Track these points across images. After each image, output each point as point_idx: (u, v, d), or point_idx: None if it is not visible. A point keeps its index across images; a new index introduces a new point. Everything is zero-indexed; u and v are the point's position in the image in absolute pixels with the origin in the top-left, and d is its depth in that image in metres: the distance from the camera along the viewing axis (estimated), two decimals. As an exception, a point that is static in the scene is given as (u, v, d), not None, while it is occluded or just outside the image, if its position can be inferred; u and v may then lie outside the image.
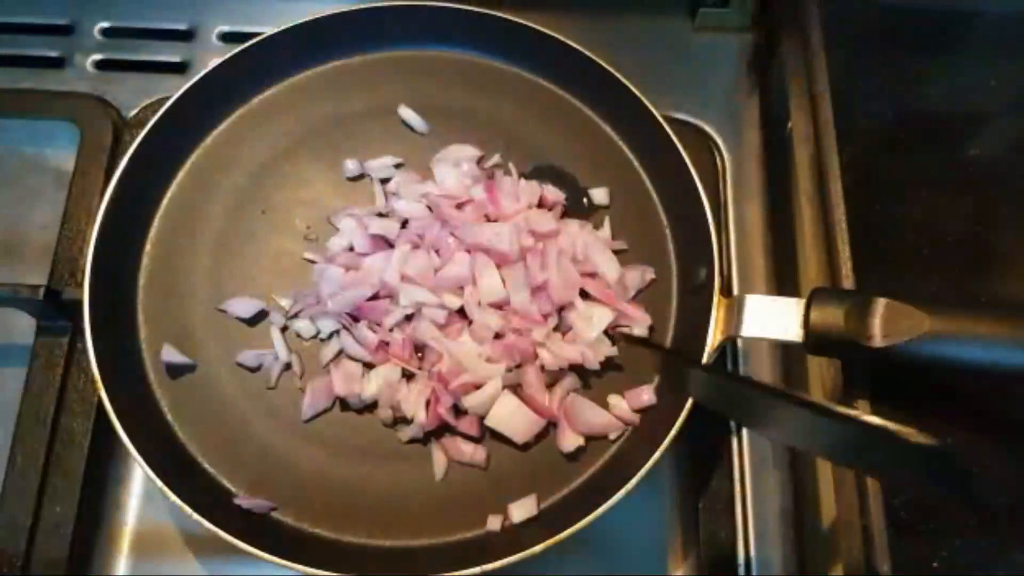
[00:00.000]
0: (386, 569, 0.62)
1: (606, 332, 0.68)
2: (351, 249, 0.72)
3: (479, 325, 0.67)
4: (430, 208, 0.72)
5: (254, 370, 0.68)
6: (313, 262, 0.72)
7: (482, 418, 0.66)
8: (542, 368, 0.67)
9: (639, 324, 0.70)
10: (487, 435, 0.66)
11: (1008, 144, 0.71)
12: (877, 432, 0.41)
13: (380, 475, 0.65)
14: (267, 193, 0.75)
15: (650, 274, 0.72)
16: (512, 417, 0.65)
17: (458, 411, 0.66)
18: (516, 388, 0.66)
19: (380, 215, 0.73)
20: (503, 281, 0.68)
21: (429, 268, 0.69)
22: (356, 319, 0.69)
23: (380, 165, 0.76)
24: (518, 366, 0.67)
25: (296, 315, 0.70)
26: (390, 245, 0.72)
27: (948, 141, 0.70)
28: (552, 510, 0.64)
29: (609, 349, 0.68)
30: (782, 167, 0.79)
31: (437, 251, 0.70)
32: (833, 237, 0.64)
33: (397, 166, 0.76)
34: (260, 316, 0.70)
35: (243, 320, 0.70)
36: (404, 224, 0.72)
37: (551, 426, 0.67)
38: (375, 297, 0.69)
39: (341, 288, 0.68)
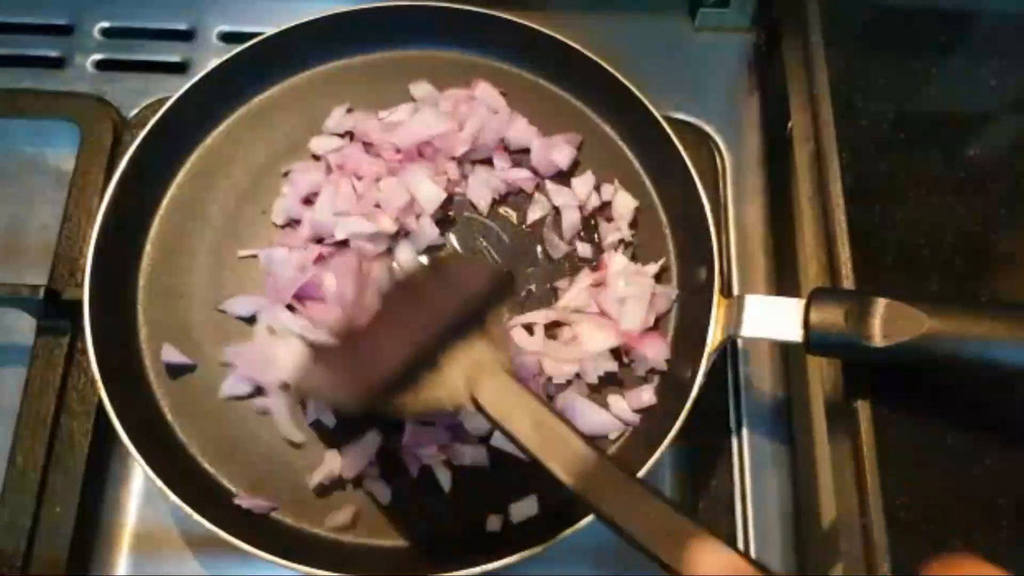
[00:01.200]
0: (386, 569, 0.62)
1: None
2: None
3: None
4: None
5: (254, 370, 0.68)
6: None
7: (484, 438, 0.65)
8: (549, 380, 0.67)
9: (653, 356, 0.68)
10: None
11: (1008, 144, 0.71)
12: None
13: (380, 474, 0.65)
14: (267, 193, 0.75)
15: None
16: None
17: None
18: None
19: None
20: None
21: (353, 196, 0.68)
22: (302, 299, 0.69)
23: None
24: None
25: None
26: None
27: (948, 141, 0.70)
28: (552, 510, 0.64)
29: (609, 364, 0.68)
30: (782, 167, 0.79)
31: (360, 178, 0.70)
32: (833, 237, 0.64)
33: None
34: (260, 316, 0.70)
35: (243, 320, 0.70)
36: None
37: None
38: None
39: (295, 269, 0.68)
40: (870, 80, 0.72)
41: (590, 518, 0.59)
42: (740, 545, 0.66)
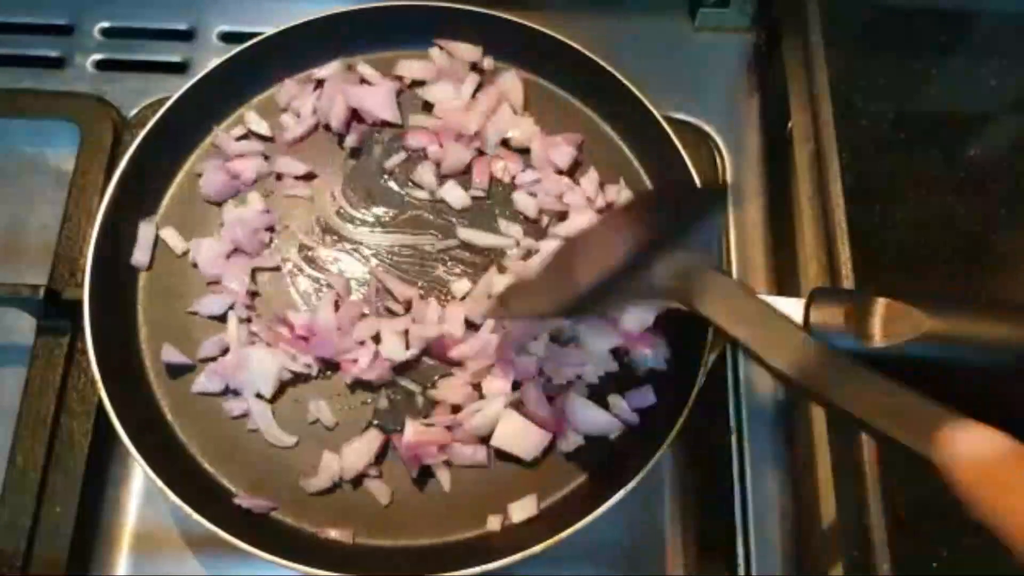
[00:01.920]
0: (386, 569, 0.62)
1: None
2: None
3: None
4: None
5: (254, 370, 0.68)
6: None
7: (484, 439, 0.65)
8: (549, 381, 0.67)
9: (653, 356, 0.68)
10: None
11: (1008, 144, 0.71)
12: None
13: (380, 474, 0.65)
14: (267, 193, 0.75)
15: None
16: (518, 435, 0.65)
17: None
18: (518, 405, 0.66)
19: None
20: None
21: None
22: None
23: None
24: (518, 385, 0.67)
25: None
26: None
27: (948, 141, 0.70)
28: (552, 510, 0.64)
29: (610, 364, 0.68)
30: (782, 167, 0.79)
31: None
32: (833, 237, 0.64)
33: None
34: (260, 316, 0.70)
35: (217, 319, 0.69)
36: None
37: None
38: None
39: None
40: (870, 80, 0.72)
41: (590, 518, 0.59)
42: (740, 544, 0.66)
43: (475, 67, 0.79)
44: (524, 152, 0.76)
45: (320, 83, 0.78)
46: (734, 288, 0.51)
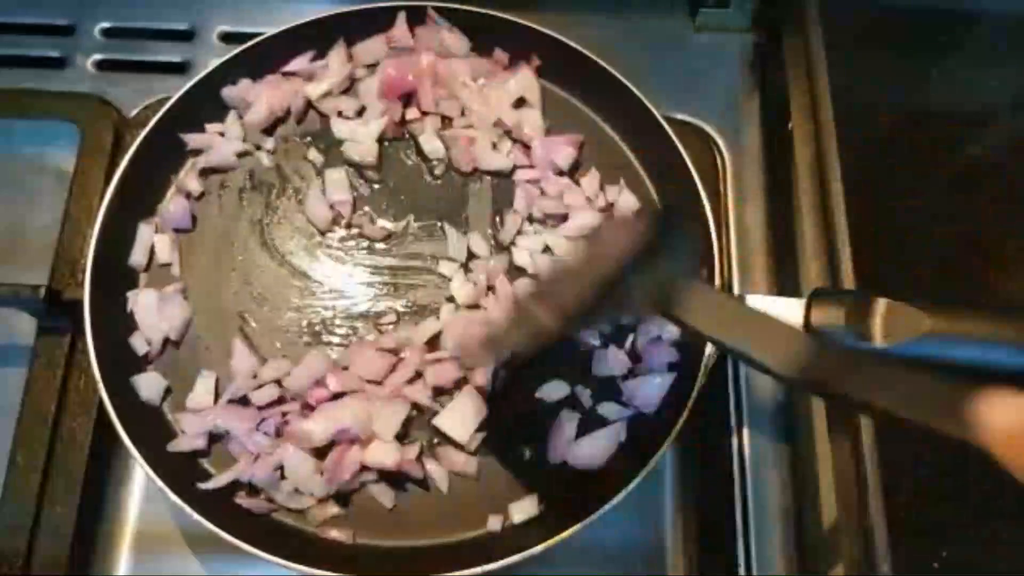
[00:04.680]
0: (386, 569, 0.62)
1: None
2: None
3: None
4: None
5: (254, 370, 0.68)
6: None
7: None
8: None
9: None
10: (480, 444, 0.66)
11: (1008, 144, 0.71)
12: None
13: (380, 475, 0.65)
14: (267, 192, 0.75)
15: None
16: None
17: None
18: None
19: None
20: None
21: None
22: None
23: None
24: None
25: None
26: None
27: (948, 141, 0.70)
28: (552, 510, 0.64)
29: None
30: (782, 167, 0.79)
31: None
32: (833, 237, 0.64)
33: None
34: (260, 316, 0.70)
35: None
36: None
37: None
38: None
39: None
40: (870, 80, 0.72)
41: (590, 518, 0.59)
42: (740, 545, 0.66)
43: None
44: (525, 147, 0.76)
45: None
46: (721, 297, 0.52)
